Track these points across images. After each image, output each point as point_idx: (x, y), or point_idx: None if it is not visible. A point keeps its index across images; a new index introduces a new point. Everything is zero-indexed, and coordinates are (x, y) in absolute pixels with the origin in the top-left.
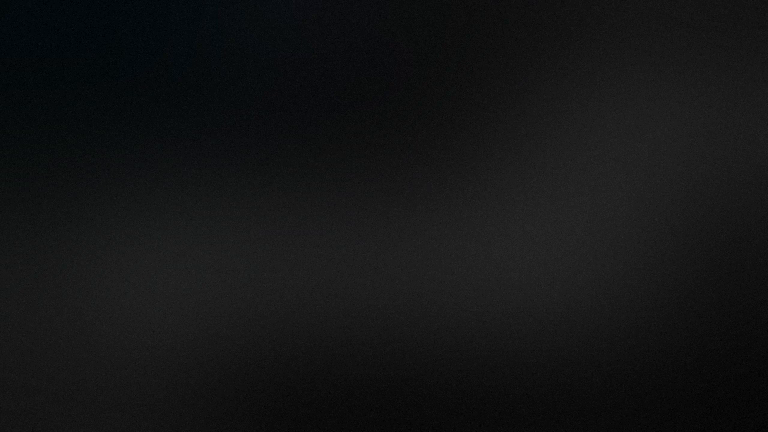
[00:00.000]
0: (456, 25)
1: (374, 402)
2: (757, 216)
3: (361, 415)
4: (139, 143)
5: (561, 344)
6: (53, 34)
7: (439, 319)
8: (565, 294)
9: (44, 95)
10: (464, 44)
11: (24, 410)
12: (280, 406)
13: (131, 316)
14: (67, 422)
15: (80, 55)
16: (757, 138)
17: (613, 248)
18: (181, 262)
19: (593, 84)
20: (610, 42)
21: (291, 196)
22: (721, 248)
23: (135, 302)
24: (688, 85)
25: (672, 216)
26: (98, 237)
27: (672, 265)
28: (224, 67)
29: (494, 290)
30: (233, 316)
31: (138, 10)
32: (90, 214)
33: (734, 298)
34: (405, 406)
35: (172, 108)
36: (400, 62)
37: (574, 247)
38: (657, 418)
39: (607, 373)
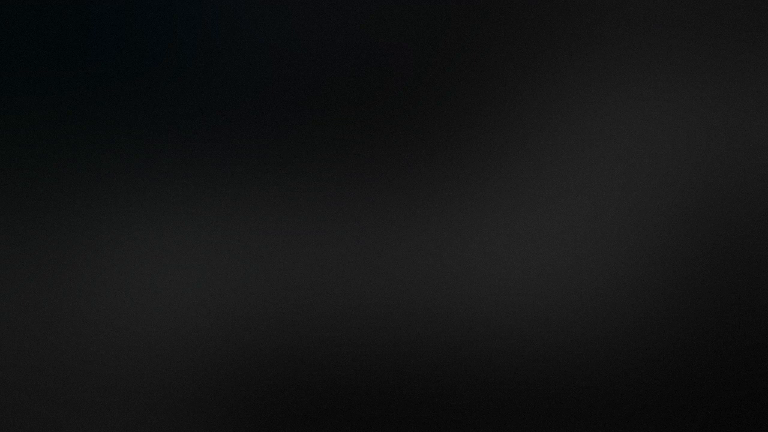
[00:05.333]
0: (457, 25)
1: (374, 402)
2: (758, 216)
3: (361, 415)
4: (138, 143)
5: (561, 344)
6: (53, 33)
7: (440, 319)
8: (566, 294)
9: (44, 95)
10: (465, 44)
11: (24, 410)
12: (279, 406)
13: (131, 316)
14: (67, 422)
15: (80, 55)
16: (757, 138)
17: (613, 248)
18: (181, 262)
19: (594, 84)
20: (610, 42)
21: (291, 196)
22: (722, 248)
23: (135, 302)
24: (688, 85)
25: (672, 216)
26: (98, 237)
27: (672, 265)
28: (224, 67)
29: (494, 290)
30: (233, 316)
31: (138, 10)
32: (90, 214)
33: (735, 298)
34: (405, 405)
35: (172, 108)
36: (400, 62)
37: (574, 247)
38: (657, 418)
39: (608, 372)
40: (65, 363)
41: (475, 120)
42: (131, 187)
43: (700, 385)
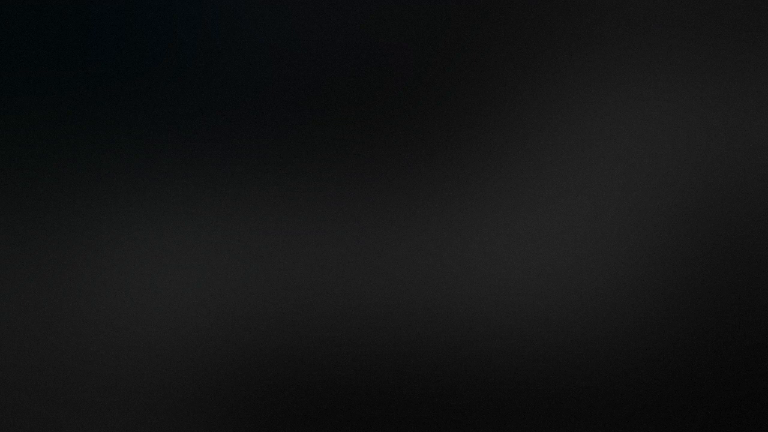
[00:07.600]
0: (457, 25)
1: (374, 402)
2: (758, 216)
3: (361, 415)
4: (138, 143)
5: (561, 344)
6: (53, 33)
7: (440, 319)
8: (566, 294)
9: (44, 95)
10: (465, 44)
11: (24, 410)
12: (279, 406)
13: (131, 316)
14: (67, 422)
15: (80, 55)
16: (757, 138)
17: (613, 248)
18: (181, 262)
19: (594, 84)
20: (610, 42)
21: (291, 196)
22: (722, 248)
23: (135, 302)
24: (688, 85)
25: (672, 216)
26: (98, 237)
27: (672, 265)
28: (224, 67)
29: (494, 290)
30: (233, 316)
31: (138, 10)
32: (90, 214)
33: (735, 298)
34: (405, 405)
35: (172, 108)
36: (400, 62)
37: (574, 247)
38: (657, 418)
39: (608, 372)
40: (65, 363)
41: (475, 120)
42: (131, 187)
43: (700, 385)
